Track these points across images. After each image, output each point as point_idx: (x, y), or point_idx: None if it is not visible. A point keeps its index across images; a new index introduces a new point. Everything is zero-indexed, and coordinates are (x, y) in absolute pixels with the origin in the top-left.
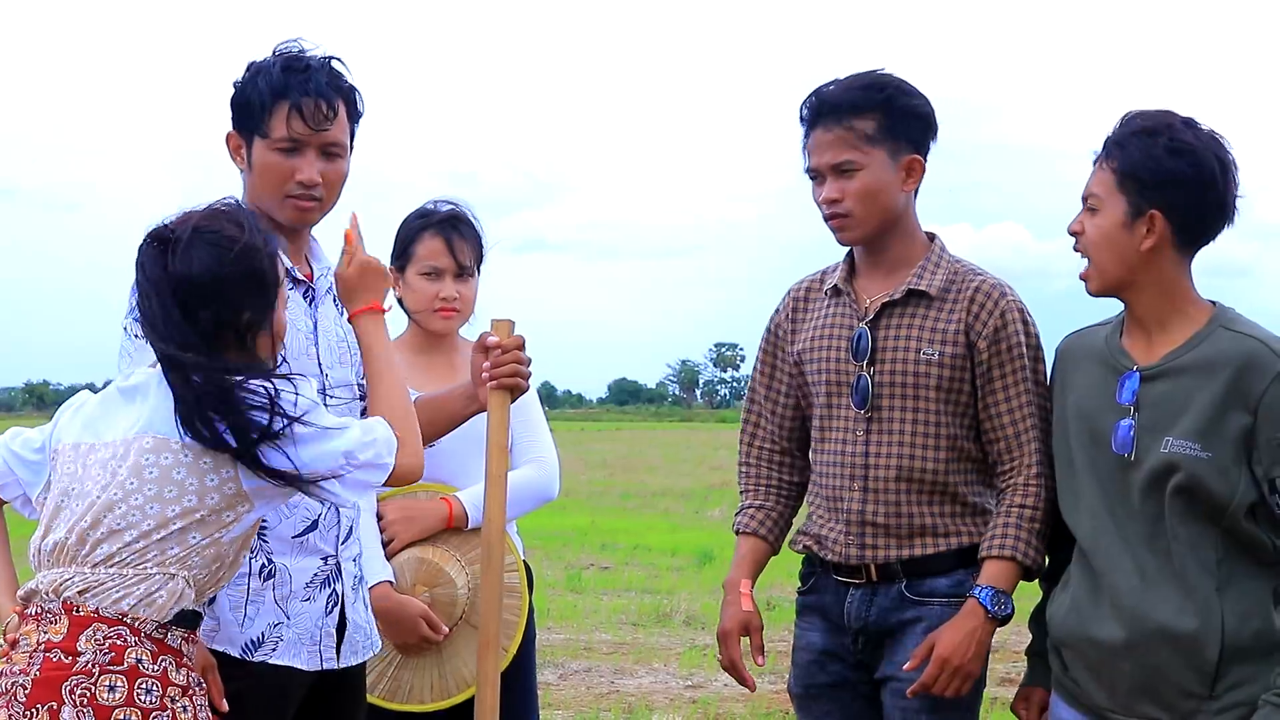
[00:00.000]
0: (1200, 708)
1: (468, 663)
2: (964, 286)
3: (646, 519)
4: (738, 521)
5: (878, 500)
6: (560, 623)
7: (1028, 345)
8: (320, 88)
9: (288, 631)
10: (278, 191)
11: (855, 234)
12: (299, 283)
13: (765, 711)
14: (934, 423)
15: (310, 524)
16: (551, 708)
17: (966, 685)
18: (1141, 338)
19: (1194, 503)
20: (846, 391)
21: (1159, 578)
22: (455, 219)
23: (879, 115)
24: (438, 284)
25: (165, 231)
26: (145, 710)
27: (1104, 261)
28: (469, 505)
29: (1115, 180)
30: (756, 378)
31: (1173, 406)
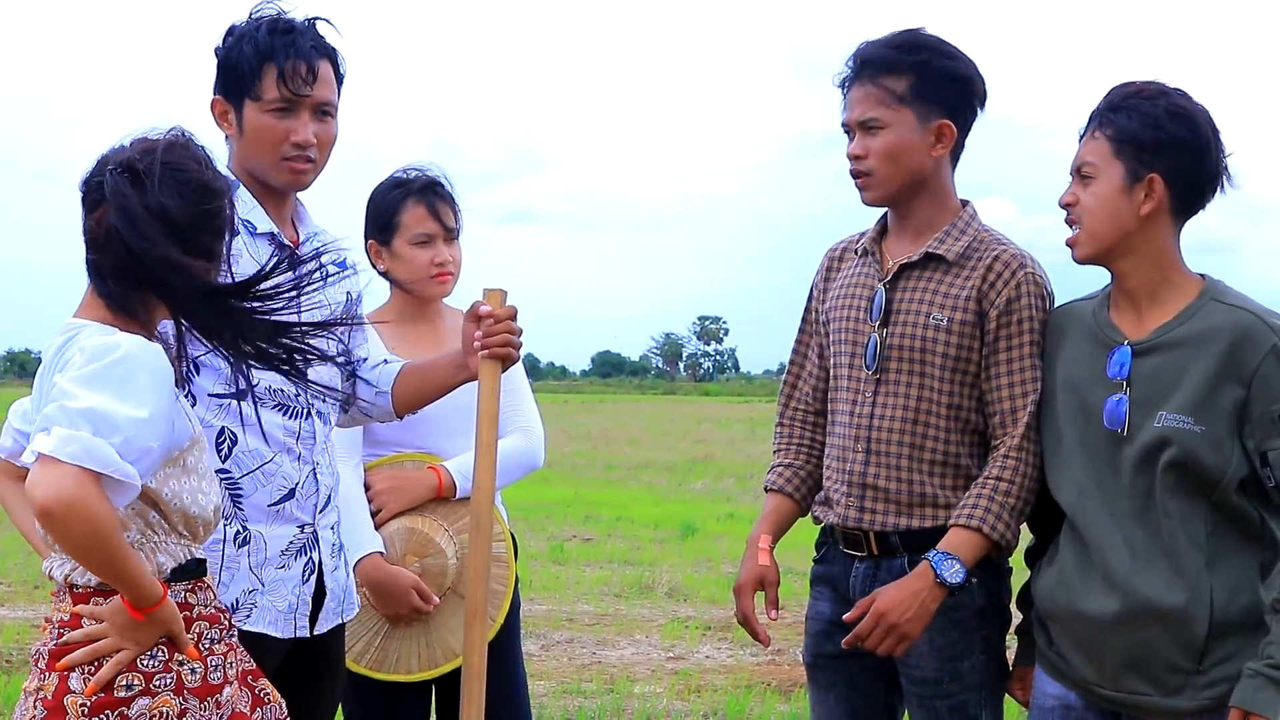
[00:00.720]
0: (1188, 682)
1: (454, 632)
2: (984, 254)
3: (629, 491)
4: (767, 479)
5: (879, 464)
6: (543, 594)
7: (1038, 320)
8: (306, 49)
9: (262, 599)
10: (273, 154)
11: (877, 193)
12: (283, 248)
13: (747, 683)
14: (938, 389)
15: (287, 492)
16: (534, 678)
17: (901, 645)
18: (1130, 311)
19: (1186, 477)
20: (861, 351)
21: (1149, 552)
22: (434, 184)
23: (912, 75)
24: (430, 250)
25: (132, 159)
26: (148, 674)
27: (1099, 227)
28: (457, 474)
29: (1111, 147)
30: (798, 336)
31: (1166, 380)
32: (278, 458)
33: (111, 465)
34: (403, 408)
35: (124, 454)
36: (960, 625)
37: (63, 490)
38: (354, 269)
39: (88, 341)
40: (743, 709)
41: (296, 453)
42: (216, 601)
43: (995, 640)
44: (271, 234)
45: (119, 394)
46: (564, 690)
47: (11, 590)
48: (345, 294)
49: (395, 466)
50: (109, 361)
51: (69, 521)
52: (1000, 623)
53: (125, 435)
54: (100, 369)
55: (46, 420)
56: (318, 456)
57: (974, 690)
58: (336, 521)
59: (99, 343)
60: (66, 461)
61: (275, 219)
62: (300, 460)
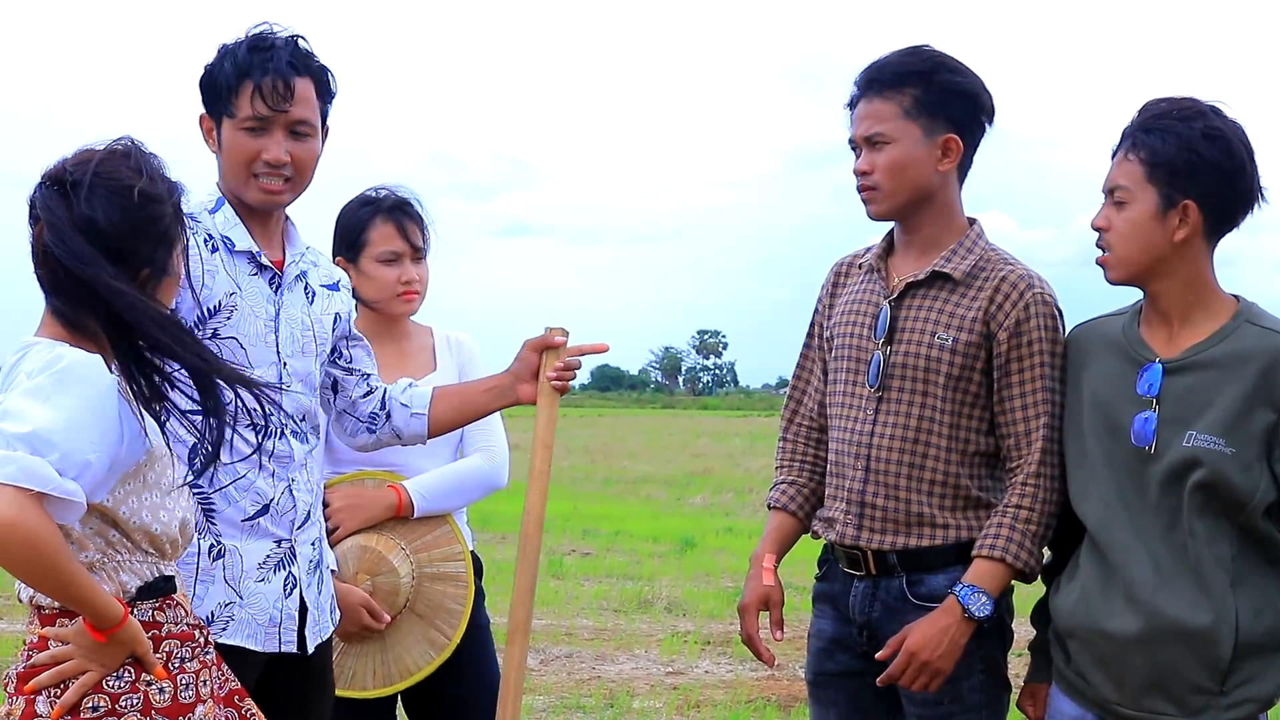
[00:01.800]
0: (1210, 703)
1: (410, 650)
2: (991, 274)
3: (628, 505)
4: (769, 496)
5: (878, 483)
6: (542, 608)
7: (1050, 341)
8: (282, 66)
9: (239, 611)
10: (245, 172)
11: (882, 208)
12: (264, 269)
13: (747, 699)
14: (939, 409)
15: (261, 508)
16: (533, 693)
17: (935, 681)
18: (1162, 329)
19: (1213, 498)
20: (864, 369)
21: (1174, 571)
22: (403, 203)
23: (917, 90)
24: (397, 268)
25: (63, 173)
26: (113, 695)
27: (1131, 253)
28: (415, 494)
29: (1145, 171)
30: (803, 351)
31: (1197, 400)
32: (249, 473)
33: (51, 484)
34: (436, 431)
35: (63, 470)
36: None
37: (1, 513)
38: (345, 289)
39: (33, 358)
40: None
41: (270, 469)
42: (190, 618)
43: (996, 658)
44: (250, 253)
45: (54, 407)
46: (563, 705)
47: (8, 604)
48: (334, 315)
49: (356, 484)
50: (47, 377)
51: (8, 544)
52: (1001, 641)
53: (62, 450)
54: (37, 385)
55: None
56: (294, 474)
57: (975, 710)
58: (318, 538)
59: (42, 359)
60: (3, 482)
61: (260, 238)
62: (274, 477)
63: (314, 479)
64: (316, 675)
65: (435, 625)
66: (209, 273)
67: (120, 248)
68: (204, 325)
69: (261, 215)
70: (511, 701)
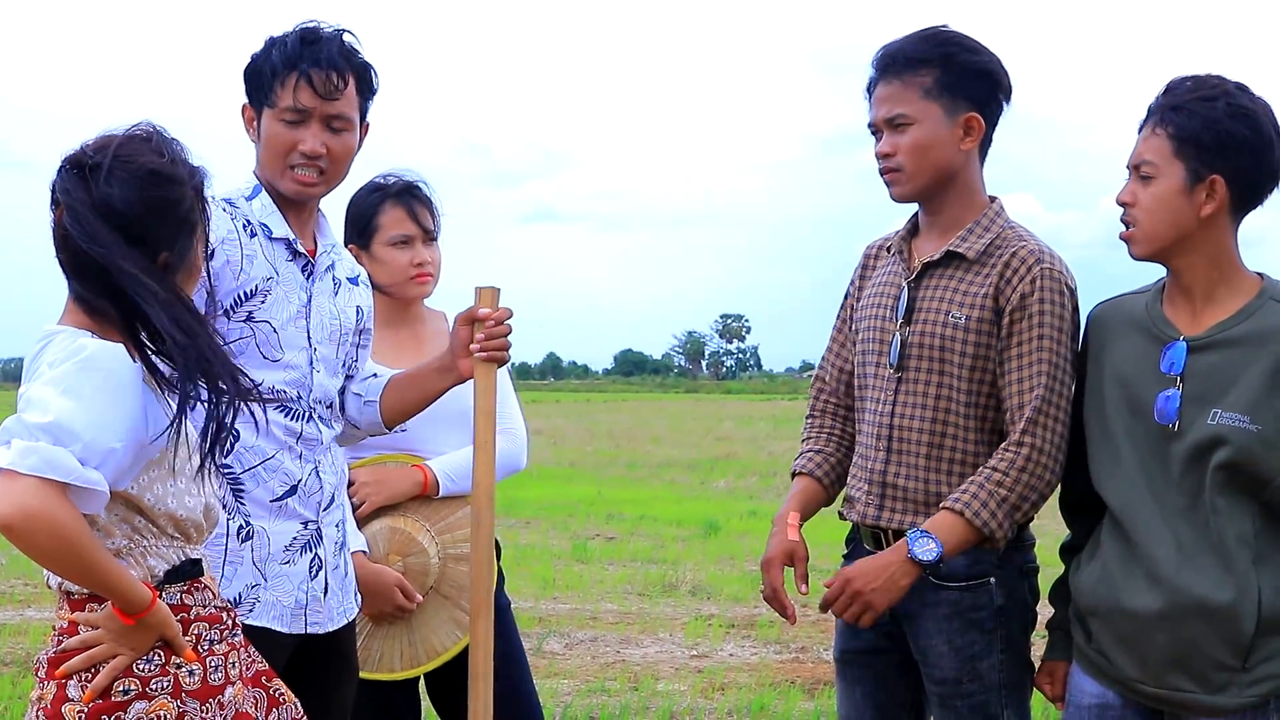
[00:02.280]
0: (1233, 680)
1: (436, 631)
2: (1003, 252)
3: (652, 489)
4: (795, 464)
5: (900, 463)
6: (566, 593)
7: (1055, 316)
8: (330, 59)
9: (265, 593)
10: (281, 162)
11: (906, 189)
12: (298, 255)
13: (771, 682)
14: (958, 389)
15: (289, 489)
16: (557, 677)
17: (866, 616)
18: (1186, 307)
19: (1237, 475)
20: (886, 350)
21: (1196, 549)
22: (412, 187)
23: (936, 70)
24: (409, 251)
25: (84, 157)
26: (144, 678)
27: (1157, 227)
28: (441, 473)
29: (1172, 146)
30: (832, 334)
31: (1221, 378)
32: (279, 455)
33: (73, 474)
34: (391, 418)
35: (86, 459)
36: (978, 625)
37: (23, 503)
38: (365, 284)
39: (56, 347)
40: (767, 707)
41: (298, 451)
42: (217, 601)
43: (1017, 639)
44: (287, 240)
45: (76, 397)
46: (588, 689)
47: (37, 591)
48: (356, 308)
49: (377, 466)
50: (70, 367)
51: (31, 534)
52: (1022, 621)
53: (84, 440)
54: (60, 375)
55: (6, 433)
56: (319, 456)
57: (995, 690)
58: (341, 519)
59: (64, 348)
60: (25, 473)
61: (295, 227)
62: (302, 459)
63: (338, 463)
64: (341, 657)
65: (460, 605)
66: (248, 257)
67: (137, 229)
68: (240, 308)
69: (296, 205)
70: (481, 684)
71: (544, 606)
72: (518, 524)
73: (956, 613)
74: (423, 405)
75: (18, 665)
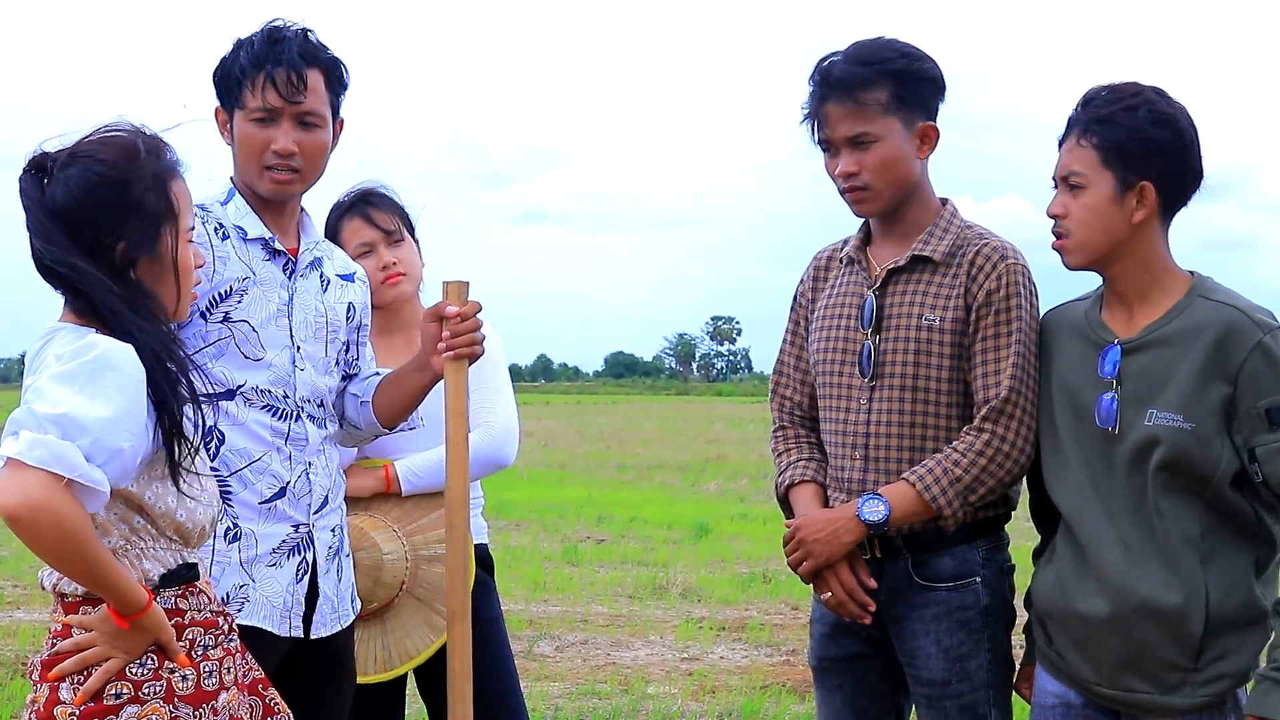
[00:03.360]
0: (1185, 679)
1: (410, 634)
2: (968, 251)
3: (643, 492)
4: (790, 475)
5: (878, 469)
6: (557, 595)
7: (1019, 309)
8: (291, 58)
9: (254, 592)
10: (256, 163)
11: (874, 206)
12: (278, 254)
13: (762, 684)
14: (937, 390)
15: (278, 491)
16: (548, 679)
17: (805, 565)
18: (1122, 311)
19: (1178, 475)
20: (854, 360)
21: (1143, 551)
22: (364, 195)
23: (890, 85)
24: (372, 257)
25: (42, 158)
26: (136, 682)
27: (1091, 237)
28: (403, 469)
29: (1099, 156)
30: (785, 347)
31: (1155, 378)
32: (266, 457)
33: (78, 470)
34: (386, 418)
35: (92, 456)
36: (966, 625)
37: (29, 495)
38: (361, 281)
39: (63, 343)
40: (758, 709)
41: (286, 452)
42: (213, 605)
43: (1001, 638)
44: (263, 239)
45: (87, 394)
46: (579, 691)
47: (27, 593)
48: (348, 304)
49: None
50: (79, 363)
51: (36, 527)
52: (1006, 621)
53: (94, 437)
54: (69, 370)
55: (14, 424)
56: (310, 457)
57: (982, 689)
58: (338, 525)
59: (71, 344)
60: (32, 465)
61: (275, 227)
62: (291, 460)
63: (332, 464)
64: (336, 663)
65: (434, 608)
66: (220, 259)
67: (82, 223)
68: (216, 309)
69: (275, 205)
70: (460, 686)
71: (534, 609)
72: (508, 526)
73: (945, 613)
74: (412, 402)
75: (6, 667)
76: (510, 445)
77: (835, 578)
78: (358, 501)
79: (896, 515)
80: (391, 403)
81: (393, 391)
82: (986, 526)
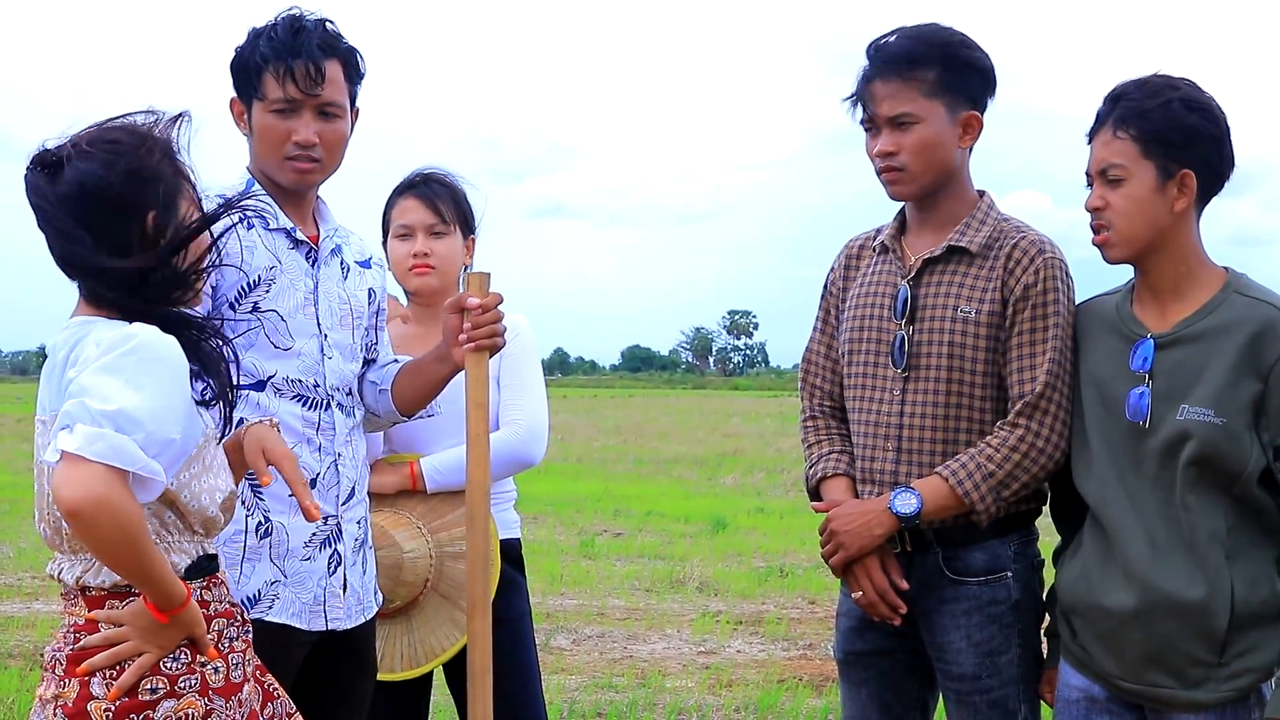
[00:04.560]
0: (1209, 675)
1: (435, 631)
2: (1005, 244)
3: (659, 485)
4: (822, 467)
5: (911, 462)
6: (574, 588)
7: (1056, 304)
8: (311, 50)
9: (284, 590)
10: (277, 153)
11: (908, 189)
12: (300, 243)
13: (779, 679)
14: (971, 383)
15: (308, 482)
16: (565, 673)
17: (836, 556)
18: (1154, 304)
19: (1207, 471)
20: (886, 350)
21: (1169, 546)
22: (427, 178)
23: (939, 67)
24: (409, 243)
25: (48, 154)
26: (172, 676)
27: (1134, 229)
28: (429, 467)
29: (1139, 148)
30: (815, 336)
31: (1188, 373)
32: (296, 448)
33: (138, 462)
34: (404, 407)
35: (147, 449)
36: (997, 620)
37: (92, 489)
38: (378, 266)
39: (103, 335)
40: (775, 704)
41: (317, 443)
42: (230, 597)
43: (1032, 633)
44: (286, 230)
45: (137, 387)
46: (595, 685)
47: (45, 585)
48: (369, 290)
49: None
50: (124, 353)
51: (98, 522)
52: (1036, 616)
53: (147, 430)
54: (116, 361)
55: (68, 417)
56: (339, 448)
57: (1012, 684)
58: (363, 517)
59: (114, 335)
60: (93, 460)
61: (294, 217)
62: (321, 451)
63: (359, 455)
64: (359, 656)
65: (459, 605)
66: (248, 248)
67: (111, 200)
68: (245, 299)
69: (294, 195)
70: (480, 679)
71: (551, 602)
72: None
73: (976, 608)
74: (431, 392)
75: (25, 659)
76: (537, 444)
77: (867, 578)
78: (383, 498)
79: (929, 509)
80: (410, 392)
81: (412, 381)
82: (1018, 521)
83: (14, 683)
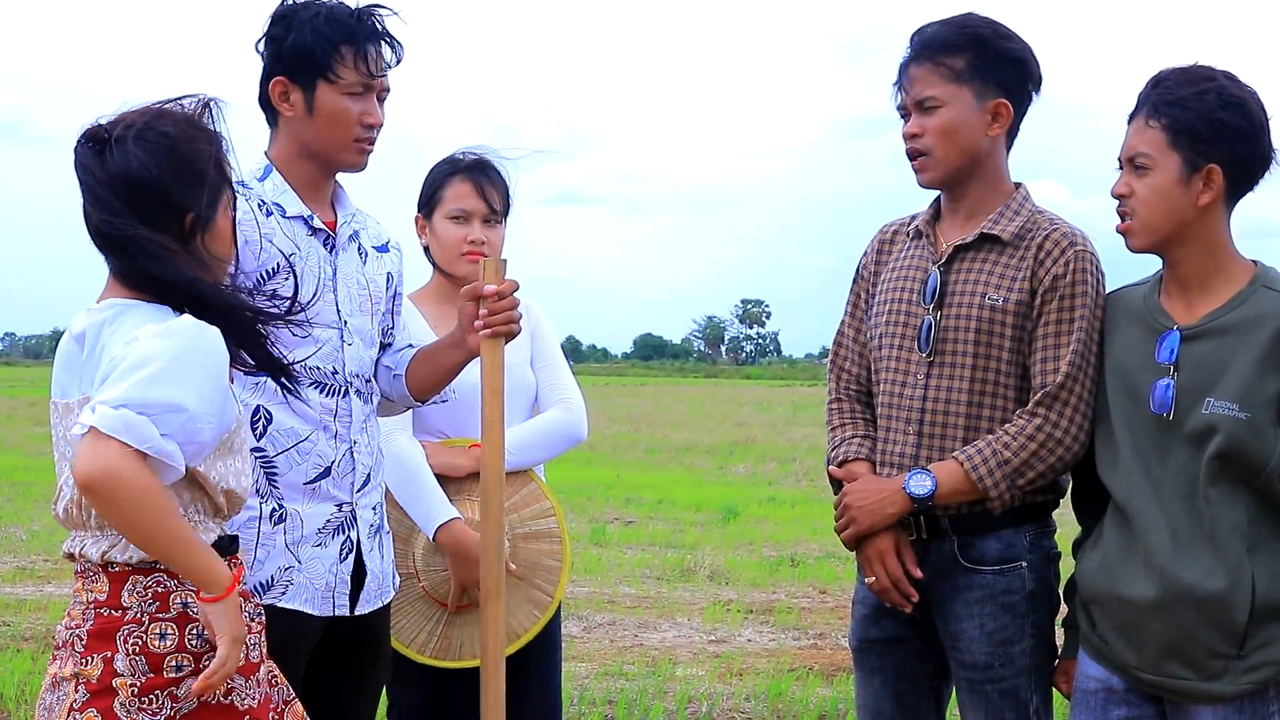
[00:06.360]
0: (1228, 667)
1: (515, 613)
2: (1037, 234)
3: (671, 474)
4: (844, 451)
5: (931, 446)
6: (584, 576)
7: (1084, 296)
8: (386, 33)
9: (298, 576)
10: (346, 135)
11: (933, 174)
12: (317, 231)
13: (789, 668)
14: (997, 370)
15: (323, 471)
16: (575, 660)
17: (848, 531)
18: (1181, 297)
19: (1230, 464)
20: (913, 334)
21: (1191, 538)
22: (483, 164)
23: (969, 54)
24: (465, 227)
25: (100, 131)
26: (196, 654)
27: (1155, 218)
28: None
29: (1168, 138)
30: (845, 320)
31: (1214, 367)
32: (313, 435)
33: (150, 442)
34: (418, 392)
35: (169, 433)
36: (1011, 609)
37: (106, 461)
38: (395, 250)
39: (137, 320)
40: (785, 692)
41: (334, 430)
42: (246, 579)
43: (1045, 624)
44: (303, 217)
45: (173, 378)
46: (605, 672)
47: (58, 568)
48: (387, 275)
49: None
50: (167, 342)
51: (114, 494)
52: (1050, 607)
53: (176, 421)
54: (156, 350)
55: (99, 397)
56: (355, 435)
57: (1025, 674)
58: (378, 503)
59: (152, 323)
60: (108, 434)
61: (311, 202)
62: (337, 438)
63: (374, 442)
64: (373, 641)
65: (535, 585)
66: (266, 235)
67: (158, 193)
68: (264, 286)
69: (312, 181)
70: (493, 666)
71: None
72: None
73: (989, 596)
74: (444, 378)
75: (38, 641)
76: (584, 420)
77: (881, 564)
78: (449, 481)
79: (942, 492)
80: (425, 377)
81: (427, 367)
82: (1034, 512)
83: (26, 665)
